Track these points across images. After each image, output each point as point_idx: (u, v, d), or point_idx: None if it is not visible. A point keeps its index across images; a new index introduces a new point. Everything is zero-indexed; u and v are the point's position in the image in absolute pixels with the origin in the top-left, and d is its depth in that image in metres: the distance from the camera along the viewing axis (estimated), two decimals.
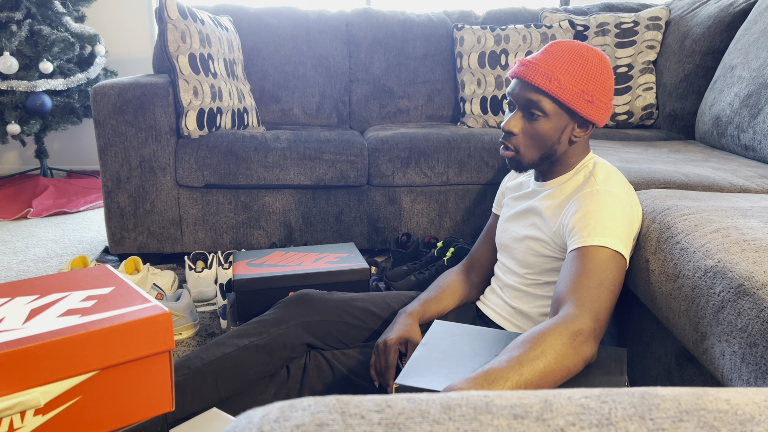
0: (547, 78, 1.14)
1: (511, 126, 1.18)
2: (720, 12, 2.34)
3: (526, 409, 0.34)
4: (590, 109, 1.16)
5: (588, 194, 1.14)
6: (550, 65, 1.15)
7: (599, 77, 1.17)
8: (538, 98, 1.15)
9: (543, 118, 1.16)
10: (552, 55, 1.16)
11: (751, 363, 0.81)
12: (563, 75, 1.14)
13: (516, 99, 1.18)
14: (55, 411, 0.87)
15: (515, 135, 1.19)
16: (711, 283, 0.93)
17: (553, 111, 1.16)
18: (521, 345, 0.92)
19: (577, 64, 1.16)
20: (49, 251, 2.44)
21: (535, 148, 1.19)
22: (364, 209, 2.27)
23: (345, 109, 2.73)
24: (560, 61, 1.15)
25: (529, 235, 1.25)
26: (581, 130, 1.19)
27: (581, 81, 1.15)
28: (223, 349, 1.25)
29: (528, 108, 1.17)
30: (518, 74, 1.18)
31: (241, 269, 1.60)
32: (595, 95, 1.16)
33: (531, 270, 1.26)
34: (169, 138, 2.14)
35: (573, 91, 1.14)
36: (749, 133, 1.80)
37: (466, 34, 2.60)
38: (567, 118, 1.17)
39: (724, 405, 0.35)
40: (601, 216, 1.10)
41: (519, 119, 1.18)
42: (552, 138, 1.18)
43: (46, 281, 1.05)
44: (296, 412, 0.33)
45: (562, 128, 1.18)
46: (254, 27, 2.64)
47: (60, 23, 3.25)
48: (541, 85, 1.14)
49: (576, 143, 1.21)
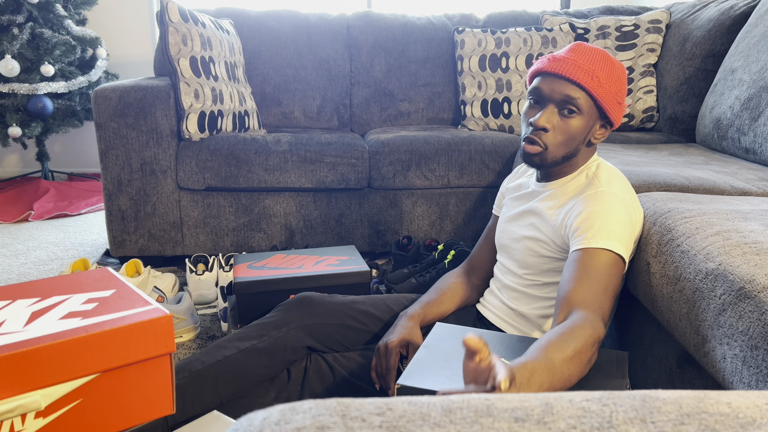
0: (589, 75, 1.13)
1: (543, 122, 1.16)
2: (720, 15, 2.34)
3: (527, 412, 0.34)
4: (618, 110, 1.18)
5: (593, 195, 1.14)
6: (589, 63, 1.14)
7: (624, 81, 1.19)
8: (578, 94, 1.14)
9: (578, 115, 1.15)
10: (584, 54, 1.16)
11: (753, 366, 0.81)
12: (602, 73, 1.14)
13: (551, 94, 1.16)
14: (55, 414, 0.87)
15: (547, 131, 1.17)
16: (712, 286, 0.93)
17: (588, 109, 1.15)
18: (557, 346, 0.90)
19: (610, 66, 1.16)
20: (50, 254, 2.45)
21: (564, 146, 1.18)
22: (364, 212, 2.27)
23: (346, 112, 2.73)
24: (596, 60, 1.15)
25: (528, 236, 1.25)
26: (602, 131, 1.20)
27: (615, 82, 1.16)
28: (224, 352, 1.25)
29: (565, 104, 1.15)
30: (555, 69, 1.15)
31: (241, 272, 1.60)
32: (623, 98, 1.18)
33: (530, 270, 1.26)
34: (170, 141, 2.15)
35: (609, 91, 1.15)
36: (750, 136, 1.80)
37: (467, 37, 2.60)
38: (596, 118, 1.18)
39: (725, 408, 0.35)
40: (605, 218, 1.10)
41: (553, 115, 1.16)
42: (581, 137, 1.18)
43: (47, 284, 1.05)
44: (297, 415, 0.33)
45: (590, 127, 1.18)
46: (255, 30, 2.65)
47: (61, 26, 3.25)
48: (583, 81, 1.13)
49: (593, 145, 1.22)
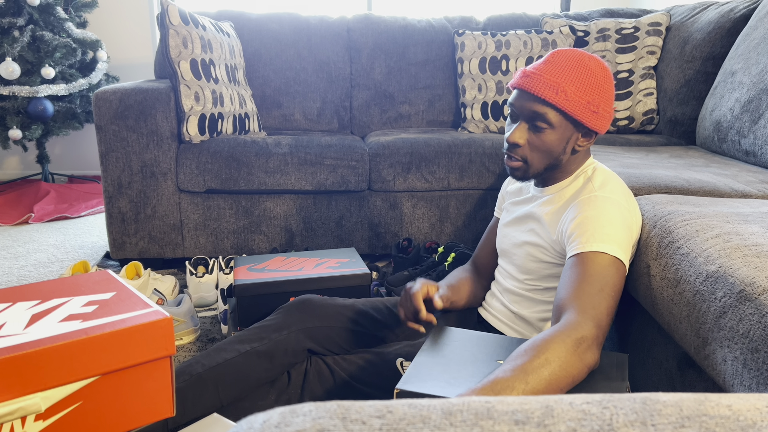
0: (554, 90, 1.12)
1: (516, 138, 1.17)
2: (720, 18, 2.35)
3: (527, 415, 0.34)
4: (595, 119, 1.15)
5: (586, 200, 1.14)
6: (555, 76, 1.13)
7: (602, 87, 1.16)
8: (545, 110, 1.14)
9: (549, 129, 1.15)
10: (555, 65, 1.15)
11: (753, 369, 0.81)
12: (569, 86, 1.13)
13: (520, 111, 1.17)
14: (55, 416, 0.87)
15: (520, 146, 1.18)
16: (712, 289, 0.93)
17: (559, 122, 1.15)
18: (525, 353, 0.92)
19: (582, 75, 1.14)
20: (51, 256, 2.45)
21: (542, 159, 1.18)
22: (365, 214, 2.27)
23: (346, 115, 2.73)
24: (565, 71, 1.14)
25: (528, 241, 1.25)
26: (585, 139, 1.19)
27: (586, 92, 1.14)
28: (224, 355, 1.25)
29: (533, 120, 1.15)
30: (522, 86, 1.16)
31: (242, 274, 1.60)
32: (600, 105, 1.15)
33: (530, 276, 1.26)
34: (170, 143, 2.15)
35: (579, 103, 1.13)
36: (750, 139, 1.80)
37: (467, 40, 2.61)
38: (572, 129, 1.17)
39: (726, 411, 0.35)
40: (599, 222, 1.10)
41: (524, 131, 1.17)
42: (558, 149, 1.17)
43: (47, 286, 1.05)
44: (297, 418, 0.33)
45: (567, 138, 1.17)
46: (256, 33, 2.65)
47: (62, 29, 3.26)
48: (548, 97, 1.12)
49: (579, 151, 1.21)
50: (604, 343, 1.36)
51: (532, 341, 0.95)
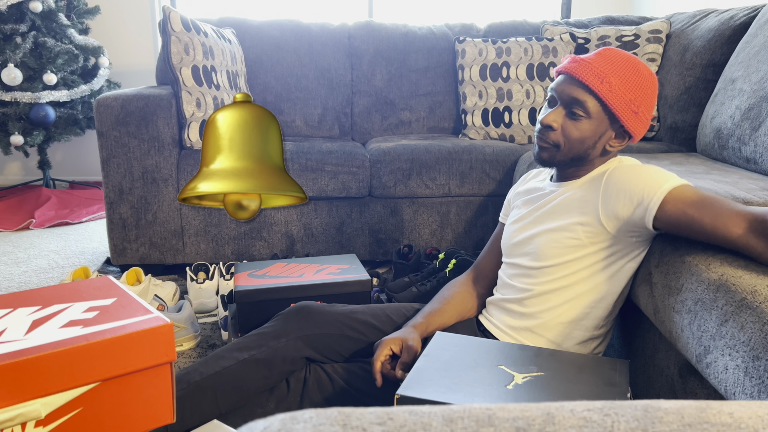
0: (599, 78, 1.12)
1: (550, 120, 1.16)
2: (720, 25, 2.35)
3: (528, 422, 0.34)
4: (633, 120, 1.15)
5: (612, 174, 1.14)
6: (604, 66, 1.13)
7: (648, 91, 1.16)
8: (585, 98, 1.13)
9: (585, 119, 1.15)
10: (606, 58, 1.15)
11: (755, 377, 0.80)
12: (615, 79, 1.13)
13: (560, 95, 1.16)
14: (56, 422, 0.87)
15: (554, 130, 1.17)
16: (714, 297, 0.93)
17: (597, 113, 1.14)
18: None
19: (630, 73, 1.14)
20: (51, 262, 2.45)
21: (571, 148, 1.17)
22: (365, 220, 2.27)
23: (347, 121, 2.74)
24: (614, 65, 1.14)
25: (548, 228, 1.22)
26: (617, 140, 1.18)
27: (631, 89, 1.14)
28: (223, 363, 1.24)
29: (571, 105, 1.15)
30: (569, 70, 1.15)
31: (242, 280, 1.60)
32: (641, 107, 1.15)
33: (547, 262, 1.22)
34: (171, 149, 2.15)
35: (621, 98, 1.13)
36: (750, 146, 1.80)
37: (468, 47, 2.61)
38: (607, 125, 1.16)
39: (727, 418, 0.35)
40: (641, 176, 1.10)
41: (560, 115, 1.16)
42: (588, 141, 1.16)
43: (47, 292, 1.05)
44: (298, 425, 0.33)
45: (600, 134, 1.16)
46: (257, 39, 2.66)
47: (64, 35, 3.27)
48: (592, 84, 1.12)
49: (609, 153, 1.20)
50: (606, 350, 1.36)
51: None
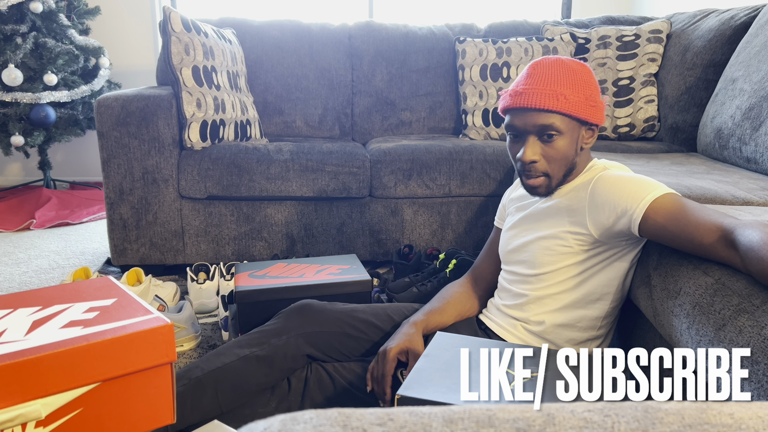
0: (553, 97, 1.15)
1: (530, 155, 1.19)
2: (721, 25, 2.35)
3: (528, 423, 0.34)
4: (594, 112, 1.19)
5: (596, 185, 1.16)
6: (548, 85, 1.16)
7: (589, 80, 1.20)
8: (551, 120, 1.16)
9: (558, 136, 1.17)
10: (542, 75, 1.18)
11: (753, 381, 0.80)
12: (564, 90, 1.16)
13: (526, 127, 1.18)
14: (56, 423, 0.87)
15: (537, 162, 1.19)
16: (711, 301, 0.93)
17: (567, 126, 1.17)
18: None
19: (570, 76, 1.18)
20: (52, 262, 2.45)
21: (560, 167, 1.21)
22: (366, 221, 2.27)
23: (347, 121, 2.74)
24: (554, 78, 1.17)
25: (542, 236, 1.25)
26: (588, 134, 1.22)
27: (580, 90, 1.17)
28: (224, 359, 1.24)
29: (542, 132, 1.18)
30: (519, 104, 1.18)
31: (243, 281, 1.60)
32: (595, 98, 1.19)
33: (542, 270, 1.24)
34: (172, 150, 2.15)
35: (579, 102, 1.17)
36: (751, 146, 1.80)
37: (468, 47, 2.61)
38: (578, 129, 1.20)
39: (728, 419, 0.35)
40: (625, 187, 1.11)
41: (536, 145, 1.19)
42: (571, 152, 1.20)
43: (48, 293, 1.05)
44: (298, 425, 0.33)
45: (576, 139, 1.20)
46: (257, 40, 2.66)
47: (65, 36, 3.27)
48: (550, 106, 1.15)
49: (585, 148, 1.23)
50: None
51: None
